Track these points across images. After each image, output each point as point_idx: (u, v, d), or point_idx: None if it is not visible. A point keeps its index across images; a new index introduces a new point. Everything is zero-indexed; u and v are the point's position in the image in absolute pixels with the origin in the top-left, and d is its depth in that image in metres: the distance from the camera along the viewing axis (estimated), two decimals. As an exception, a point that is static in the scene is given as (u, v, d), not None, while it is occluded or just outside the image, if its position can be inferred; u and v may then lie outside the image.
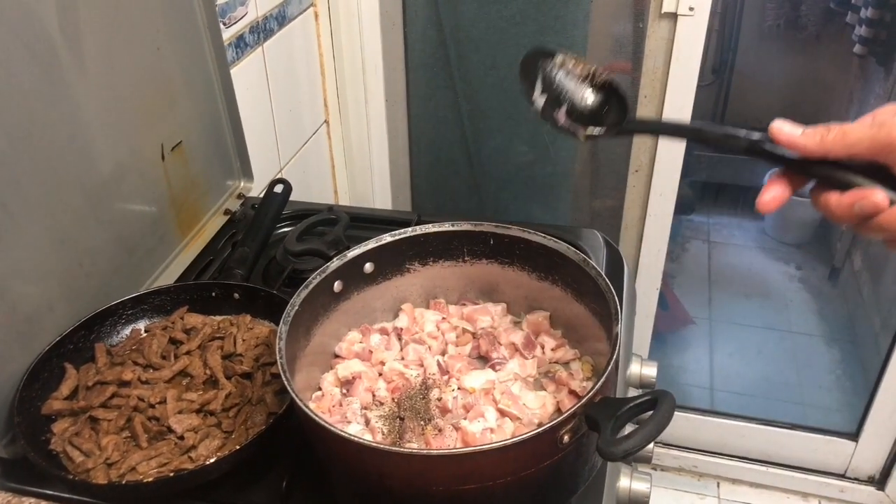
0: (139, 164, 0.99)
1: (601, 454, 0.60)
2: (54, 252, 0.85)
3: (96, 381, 0.84)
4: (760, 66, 2.90)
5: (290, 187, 1.15)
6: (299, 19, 1.51)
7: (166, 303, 0.95)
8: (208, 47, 1.10)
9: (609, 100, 0.71)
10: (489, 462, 0.62)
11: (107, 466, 0.75)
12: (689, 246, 2.86)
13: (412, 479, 0.64)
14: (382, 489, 0.65)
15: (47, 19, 0.81)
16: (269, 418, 0.80)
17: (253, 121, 1.31)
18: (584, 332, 0.86)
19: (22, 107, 0.79)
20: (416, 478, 0.63)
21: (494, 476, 0.63)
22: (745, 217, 3.01)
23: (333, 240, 0.97)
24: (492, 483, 0.63)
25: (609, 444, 0.59)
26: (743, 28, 2.88)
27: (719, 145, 0.64)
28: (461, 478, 0.63)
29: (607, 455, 0.59)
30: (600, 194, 1.82)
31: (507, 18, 1.59)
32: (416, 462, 0.63)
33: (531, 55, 0.73)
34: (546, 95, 0.73)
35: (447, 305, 0.94)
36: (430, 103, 1.75)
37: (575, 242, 1.02)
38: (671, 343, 2.37)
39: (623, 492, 0.84)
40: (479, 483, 0.63)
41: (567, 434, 0.63)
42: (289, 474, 0.77)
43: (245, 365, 0.86)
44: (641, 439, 0.58)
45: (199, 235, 1.13)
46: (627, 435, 0.59)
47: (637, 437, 0.58)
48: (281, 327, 0.74)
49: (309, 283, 0.80)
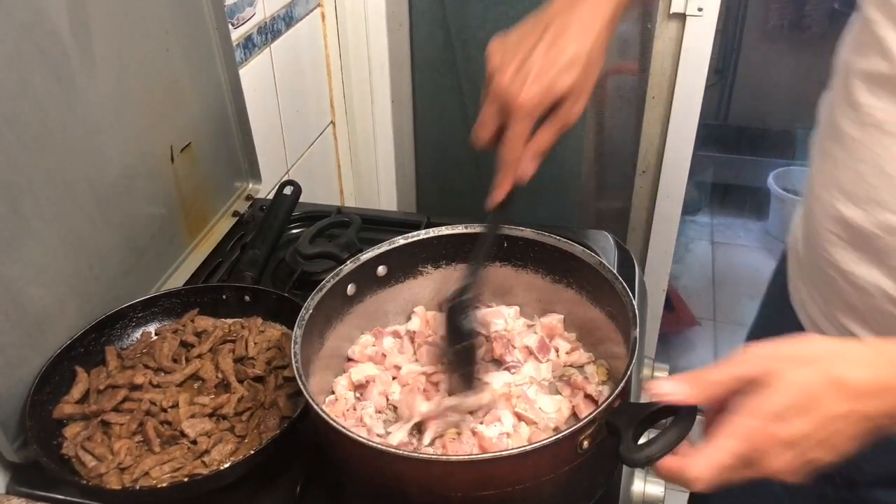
0: (149, 166, 0.99)
1: (623, 461, 0.59)
2: (65, 255, 0.85)
3: (107, 385, 0.83)
4: (764, 66, 2.90)
5: (300, 189, 1.14)
6: (306, 20, 1.50)
7: (176, 305, 0.95)
8: (217, 48, 1.10)
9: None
10: (509, 468, 0.62)
11: (120, 471, 0.75)
12: (693, 247, 2.86)
13: (431, 485, 0.63)
14: (400, 495, 0.65)
15: (58, 22, 0.81)
16: (283, 422, 0.80)
17: (260, 122, 1.31)
18: (599, 335, 0.85)
19: (33, 109, 0.78)
20: (436, 484, 0.63)
21: (514, 482, 0.62)
22: (749, 218, 3.01)
23: (346, 242, 0.96)
24: (511, 489, 0.63)
25: (631, 450, 0.59)
26: (747, 28, 2.88)
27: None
28: (480, 484, 0.62)
29: (630, 462, 0.58)
30: (607, 196, 1.82)
31: (514, 19, 1.56)
32: (436, 468, 0.62)
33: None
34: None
35: None
36: (436, 104, 1.75)
37: (586, 244, 1.01)
38: (676, 345, 2.37)
39: (637, 496, 0.83)
40: (498, 489, 0.62)
41: (587, 440, 0.63)
42: (303, 478, 0.76)
43: (257, 368, 0.86)
44: (664, 445, 0.57)
45: (208, 237, 1.13)
46: (649, 441, 0.58)
47: (660, 443, 0.57)
48: (295, 331, 0.73)
49: (323, 286, 0.80)
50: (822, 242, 0.76)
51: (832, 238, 0.75)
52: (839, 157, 0.73)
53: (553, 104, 0.71)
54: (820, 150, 0.78)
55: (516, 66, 0.70)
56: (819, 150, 0.79)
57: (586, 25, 0.71)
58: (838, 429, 0.55)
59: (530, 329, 0.89)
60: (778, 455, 0.55)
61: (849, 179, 0.71)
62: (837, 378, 0.54)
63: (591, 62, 0.71)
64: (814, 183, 0.79)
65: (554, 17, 0.72)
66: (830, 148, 0.75)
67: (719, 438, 0.55)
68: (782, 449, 0.55)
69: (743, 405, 0.55)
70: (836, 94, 0.75)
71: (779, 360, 0.56)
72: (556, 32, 0.70)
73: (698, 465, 0.54)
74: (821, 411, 0.54)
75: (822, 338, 0.58)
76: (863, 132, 0.69)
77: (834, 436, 0.55)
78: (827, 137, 0.76)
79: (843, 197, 0.72)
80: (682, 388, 0.57)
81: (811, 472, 0.57)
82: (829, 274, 0.77)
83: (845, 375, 0.54)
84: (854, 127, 0.70)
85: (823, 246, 0.76)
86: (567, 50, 0.70)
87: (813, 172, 0.80)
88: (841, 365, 0.55)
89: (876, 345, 0.58)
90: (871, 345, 0.58)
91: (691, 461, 0.55)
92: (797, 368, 0.55)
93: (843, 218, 0.72)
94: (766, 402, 0.54)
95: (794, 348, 0.57)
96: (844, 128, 0.72)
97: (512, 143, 0.72)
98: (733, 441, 0.54)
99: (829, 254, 0.75)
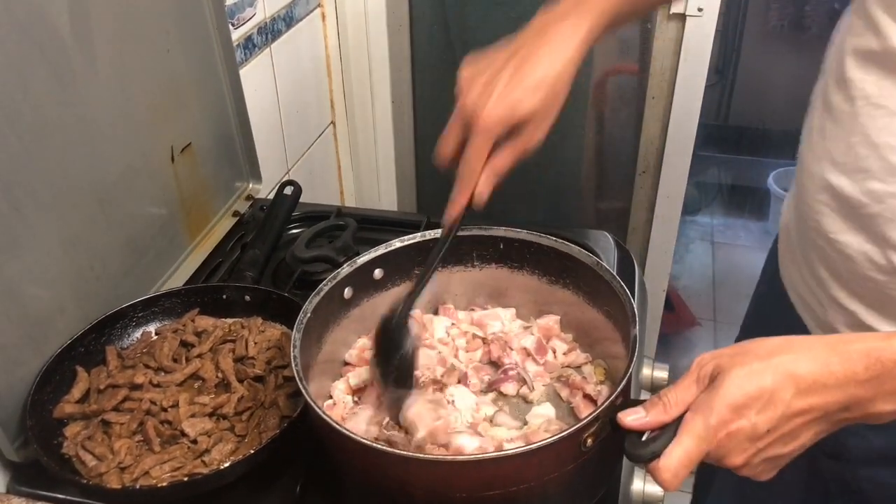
0: (149, 166, 0.99)
1: (629, 457, 0.60)
2: (65, 254, 0.85)
3: (108, 385, 0.84)
4: (764, 66, 2.90)
5: (300, 189, 1.14)
6: (306, 20, 1.51)
7: (177, 305, 0.95)
8: (217, 48, 1.10)
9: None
10: (514, 467, 0.62)
11: (120, 471, 0.75)
12: (693, 247, 2.86)
13: (435, 486, 0.63)
14: (404, 496, 0.65)
15: (60, 23, 0.81)
16: (283, 422, 0.80)
17: (260, 122, 1.31)
18: (597, 335, 0.85)
19: (34, 109, 0.78)
20: (440, 484, 0.63)
21: (518, 481, 0.63)
22: (749, 218, 3.01)
23: (342, 246, 0.96)
24: (515, 488, 0.63)
25: (636, 446, 0.59)
26: (747, 28, 2.88)
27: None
28: (485, 484, 0.62)
29: (636, 458, 0.59)
30: (607, 196, 1.82)
31: (514, 20, 1.57)
32: (442, 468, 0.62)
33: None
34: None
35: (456, 311, 0.93)
36: (436, 105, 1.75)
37: (585, 244, 1.01)
38: (676, 345, 2.37)
39: (637, 495, 0.83)
40: (503, 489, 0.62)
41: (590, 437, 0.63)
42: (303, 478, 0.77)
43: (257, 368, 0.86)
44: (669, 441, 0.57)
45: (209, 237, 1.13)
46: (654, 437, 0.59)
47: (664, 438, 0.58)
48: (294, 335, 0.73)
49: (320, 289, 0.80)
50: (812, 215, 0.79)
51: (822, 209, 0.77)
52: (830, 130, 0.76)
53: (515, 126, 0.72)
54: (811, 128, 0.81)
55: (482, 85, 0.71)
56: (810, 129, 0.81)
57: (555, 51, 0.72)
58: (799, 423, 0.57)
59: (527, 330, 0.89)
60: (740, 450, 0.57)
61: (839, 151, 0.74)
62: (792, 372, 0.56)
63: (556, 89, 0.72)
64: (805, 159, 0.81)
65: (525, 42, 0.73)
66: (822, 124, 0.77)
67: (681, 437, 0.57)
68: (744, 443, 0.57)
69: (699, 404, 0.58)
70: (828, 76, 0.78)
71: (730, 357, 0.58)
72: (524, 56, 0.72)
73: (667, 469, 0.57)
74: (780, 406, 0.55)
75: (775, 338, 0.60)
76: (853, 106, 0.72)
77: (796, 430, 0.57)
78: (818, 116, 0.79)
79: (834, 168, 0.75)
80: (641, 417, 0.60)
81: (775, 468, 0.59)
82: (818, 245, 0.79)
83: (800, 370, 0.56)
84: (845, 102, 0.73)
85: (814, 218, 0.79)
86: (533, 74, 0.71)
87: (804, 151, 0.83)
88: (794, 360, 0.56)
89: (828, 340, 0.59)
90: (823, 340, 0.60)
91: (661, 464, 0.57)
92: (748, 364, 0.57)
93: (832, 187, 0.75)
94: (719, 398, 0.56)
95: (744, 347, 0.59)
96: (836, 103, 0.74)
97: (470, 159, 0.73)
98: (691, 439, 0.57)
99: (819, 223, 0.78)
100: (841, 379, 0.55)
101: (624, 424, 0.61)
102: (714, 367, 0.59)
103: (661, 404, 0.60)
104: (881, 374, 0.54)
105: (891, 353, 0.55)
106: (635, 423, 0.60)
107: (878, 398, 0.55)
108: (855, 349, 0.56)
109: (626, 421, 0.61)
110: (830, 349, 0.57)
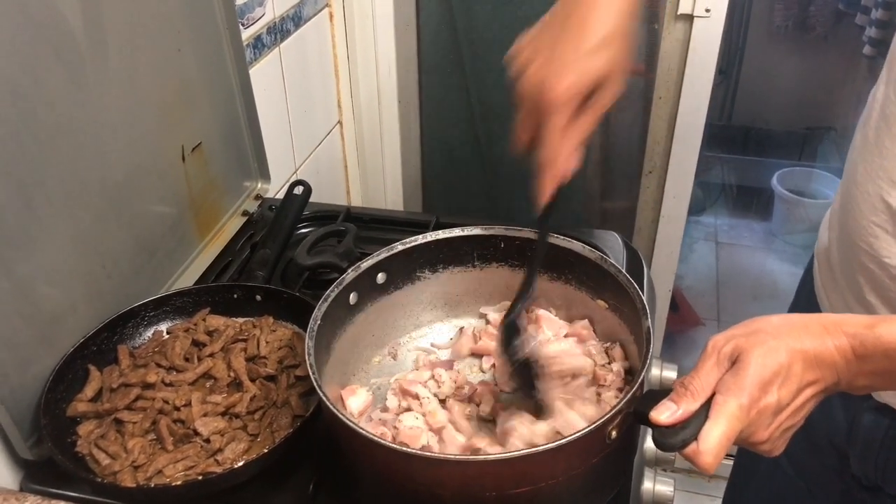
0: (160, 165, 0.99)
1: (659, 446, 0.60)
2: (77, 253, 0.85)
3: (120, 384, 0.84)
4: (768, 67, 2.90)
5: (310, 189, 1.15)
6: (314, 20, 1.51)
7: (188, 304, 0.95)
8: (227, 48, 1.10)
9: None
10: (543, 463, 0.62)
11: (133, 469, 0.75)
12: (697, 247, 2.86)
13: (465, 486, 0.63)
14: (431, 497, 0.65)
15: (73, 23, 0.81)
16: (296, 421, 0.80)
17: (269, 121, 1.31)
18: (606, 329, 0.86)
19: (48, 109, 0.79)
20: (470, 484, 0.63)
21: (546, 477, 0.63)
22: (753, 218, 3.01)
23: (344, 251, 0.96)
24: (544, 484, 0.63)
25: (666, 435, 0.59)
26: (751, 29, 2.88)
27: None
28: (514, 481, 0.62)
29: (668, 447, 0.59)
30: (613, 196, 1.82)
31: (521, 19, 1.57)
32: (472, 468, 0.62)
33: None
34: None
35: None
36: (443, 104, 1.75)
37: (592, 243, 1.02)
38: (680, 345, 2.37)
39: (647, 494, 0.84)
40: (532, 485, 0.63)
41: (615, 429, 0.64)
42: (316, 477, 0.77)
43: (269, 367, 0.86)
44: (698, 428, 0.58)
45: (218, 237, 1.13)
46: (684, 426, 0.59)
47: (694, 424, 0.58)
48: (308, 342, 0.73)
49: (328, 296, 0.79)
50: (864, 236, 0.76)
51: (877, 231, 0.75)
52: (889, 148, 0.73)
53: (590, 91, 0.68)
54: (866, 140, 0.78)
55: (543, 60, 0.67)
56: (865, 141, 0.78)
57: (610, 3, 0.67)
58: (808, 395, 0.61)
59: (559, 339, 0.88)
60: (765, 425, 0.60)
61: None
62: (799, 348, 0.59)
63: (623, 38, 0.68)
64: (856, 175, 0.78)
65: (574, 8, 0.68)
66: (879, 139, 0.74)
67: (716, 419, 0.58)
68: (770, 418, 0.59)
69: (727, 385, 0.59)
70: (887, 84, 0.75)
71: (745, 336, 0.60)
72: (580, 15, 0.67)
73: (707, 452, 0.58)
74: (795, 379, 0.59)
75: (775, 315, 0.62)
76: None
77: (806, 401, 0.61)
78: (874, 128, 0.76)
79: (893, 188, 0.72)
80: (674, 412, 0.60)
81: (786, 441, 0.63)
82: (868, 268, 0.77)
83: (805, 345, 0.59)
84: None
85: (866, 240, 0.76)
86: (595, 31, 0.67)
87: (855, 165, 0.79)
88: (798, 337, 0.60)
89: (820, 319, 0.62)
90: (815, 318, 0.62)
91: (701, 448, 0.58)
92: (766, 342, 0.59)
93: (890, 208, 0.73)
94: (748, 378, 0.58)
95: (755, 325, 0.61)
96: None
97: (550, 141, 0.68)
98: (727, 420, 0.58)
99: (872, 246, 0.75)
100: (836, 356, 0.60)
101: (660, 423, 0.60)
102: (734, 347, 0.60)
103: (688, 393, 0.60)
104: (864, 356, 0.59)
105: (872, 339, 0.59)
106: (671, 420, 0.60)
107: (860, 375, 0.61)
108: (845, 332, 0.60)
109: (662, 419, 0.60)
110: (824, 329, 0.60)
